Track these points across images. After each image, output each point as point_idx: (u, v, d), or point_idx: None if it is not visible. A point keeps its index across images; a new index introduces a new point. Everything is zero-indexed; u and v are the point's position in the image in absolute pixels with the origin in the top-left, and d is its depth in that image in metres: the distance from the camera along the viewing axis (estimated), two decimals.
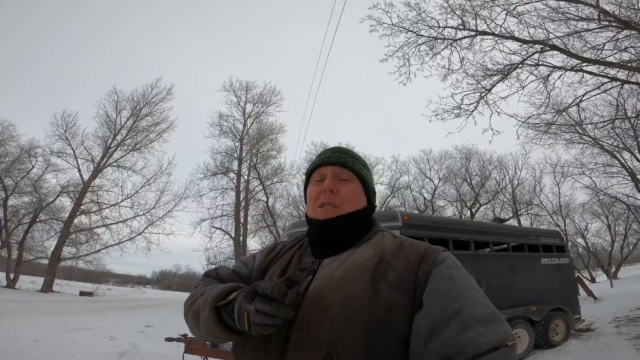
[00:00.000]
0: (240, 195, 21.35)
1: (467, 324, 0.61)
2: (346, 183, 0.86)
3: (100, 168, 20.66)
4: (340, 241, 0.83)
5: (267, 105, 23.47)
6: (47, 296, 15.27)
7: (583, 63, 8.28)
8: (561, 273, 6.51)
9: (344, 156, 0.88)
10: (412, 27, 9.40)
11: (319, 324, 0.67)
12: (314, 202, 0.85)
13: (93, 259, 20.76)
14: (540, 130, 12.48)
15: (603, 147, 15.67)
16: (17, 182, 19.82)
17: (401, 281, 0.69)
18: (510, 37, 8.51)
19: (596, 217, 21.41)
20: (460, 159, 24.05)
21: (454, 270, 0.70)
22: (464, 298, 0.65)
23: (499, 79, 8.93)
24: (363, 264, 0.74)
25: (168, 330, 8.88)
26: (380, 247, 0.78)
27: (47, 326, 7.26)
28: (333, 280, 0.73)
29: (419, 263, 0.71)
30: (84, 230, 20.38)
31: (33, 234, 20.03)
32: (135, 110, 21.90)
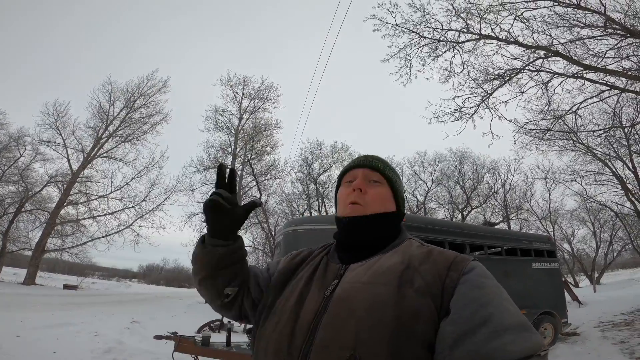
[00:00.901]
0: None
1: (497, 332, 0.58)
2: (375, 185, 0.87)
3: (90, 158, 20.22)
4: (367, 245, 0.82)
5: (264, 101, 23.28)
6: (30, 289, 14.81)
7: (584, 70, 8.31)
8: (551, 278, 6.62)
9: (375, 160, 0.91)
10: (416, 29, 9.42)
11: (344, 326, 0.66)
12: (344, 201, 0.86)
13: (79, 252, 20.33)
14: (535, 137, 12.62)
15: (595, 155, 15.90)
16: (4, 171, 19.35)
17: (428, 287, 0.68)
18: (514, 42, 8.51)
19: (583, 224, 21.85)
20: (454, 162, 24.31)
21: (483, 279, 0.69)
22: (494, 306, 0.63)
23: (500, 83, 8.94)
24: (390, 269, 0.73)
25: (154, 326, 8.68)
26: (408, 254, 0.77)
27: (28, 321, 6.98)
28: (360, 284, 0.72)
29: (447, 271, 0.70)
30: (71, 222, 19.92)
31: (18, 225, 19.54)
32: (129, 102, 21.54)
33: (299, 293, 0.78)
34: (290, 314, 0.74)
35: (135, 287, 34.11)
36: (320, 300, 0.73)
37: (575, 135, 13.90)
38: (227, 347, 4.64)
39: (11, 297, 10.86)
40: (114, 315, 9.56)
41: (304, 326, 0.70)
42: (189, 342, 4.43)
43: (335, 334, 0.66)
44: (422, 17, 9.31)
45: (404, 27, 9.45)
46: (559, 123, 11.30)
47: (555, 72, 8.91)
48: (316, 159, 23.97)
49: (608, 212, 19.31)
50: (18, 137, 19.81)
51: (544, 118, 10.11)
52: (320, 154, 24.08)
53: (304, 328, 0.70)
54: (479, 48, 9.25)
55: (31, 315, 7.74)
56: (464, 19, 9.13)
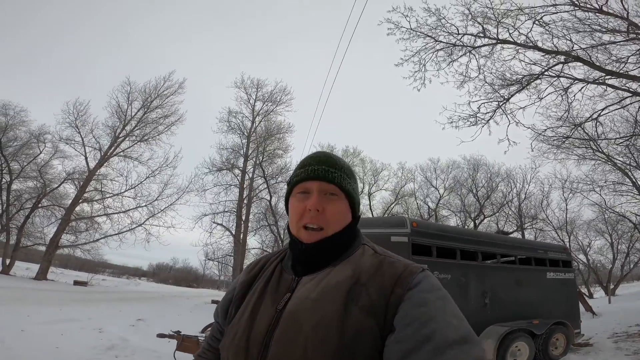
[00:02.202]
0: (244, 192, 21.18)
1: (440, 349, 0.60)
2: (332, 200, 0.83)
3: (107, 157, 20.59)
4: (324, 262, 0.82)
5: (277, 104, 23.40)
6: (41, 284, 15.05)
7: (606, 76, 8.00)
8: (565, 288, 6.55)
9: (331, 170, 0.84)
10: (431, 33, 9.27)
11: (294, 342, 0.69)
12: (298, 220, 0.82)
13: (91, 248, 20.60)
14: (554, 144, 12.24)
15: (616, 164, 15.34)
16: (23, 167, 19.79)
17: (372, 306, 0.70)
18: (533, 46, 8.26)
19: (600, 235, 21.33)
20: (468, 170, 23.87)
21: (426, 294, 0.69)
22: (436, 322, 0.64)
23: (517, 88, 8.69)
24: (339, 284, 0.75)
25: (160, 324, 8.65)
26: (359, 267, 0.78)
27: (35, 315, 7.03)
28: (309, 301, 0.74)
29: (393, 287, 0.71)
30: (85, 219, 20.24)
31: (33, 220, 19.92)
32: (146, 102, 21.91)
33: (252, 305, 0.80)
34: (245, 327, 0.76)
35: (144, 285, 34.46)
36: (273, 314, 0.76)
37: (595, 143, 13.46)
38: None
39: (21, 291, 11.03)
40: (121, 313, 9.58)
41: (258, 340, 0.73)
42: (192, 341, 4.39)
43: (286, 349, 0.69)
44: (437, 21, 9.17)
45: (419, 31, 9.33)
46: (578, 131, 10.95)
47: (576, 77, 8.61)
48: None
49: (626, 223, 18.87)
50: (39, 134, 20.29)
51: (563, 125, 9.78)
52: None
53: (258, 342, 0.73)
54: (496, 53, 9.04)
55: (38, 310, 7.81)
56: (480, 24, 8.96)
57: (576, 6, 7.78)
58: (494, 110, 8.88)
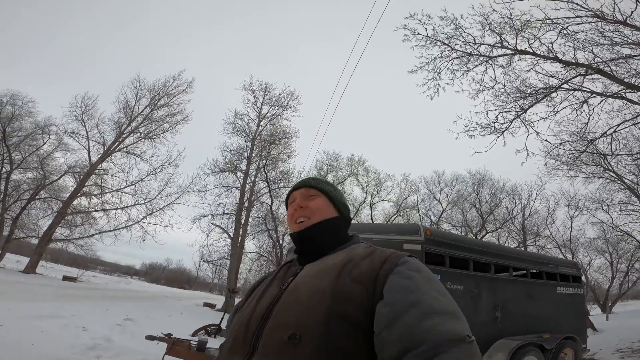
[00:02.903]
0: (245, 195, 20.81)
1: (427, 314, 0.63)
2: (313, 198, 0.99)
3: (110, 152, 20.36)
4: (318, 249, 0.92)
5: (284, 109, 23.18)
6: (28, 278, 14.55)
7: (627, 89, 7.74)
8: (575, 303, 6.55)
9: (309, 180, 1.05)
10: (447, 41, 9.12)
11: (289, 311, 0.75)
12: (291, 220, 1.00)
13: (85, 244, 20.19)
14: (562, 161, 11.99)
15: (624, 182, 15.07)
16: (25, 157, 19.58)
17: (362, 276, 0.76)
18: (553, 58, 8.02)
19: (600, 254, 21.36)
20: (473, 184, 23.55)
21: (413, 272, 0.74)
22: (422, 292, 0.68)
23: (535, 100, 8.45)
24: (335, 264, 0.82)
25: (148, 325, 8.22)
26: (352, 253, 0.86)
27: (17, 310, 6.62)
28: (307, 277, 0.82)
29: (382, 263, 0.77)
30: (82, 213, 19.87)
31: (29, 212, 19.61)
32: (154, 100, 21.81)
33: (260, 293, 0.88)
34: (251, 308, 0.83)
35: (135, 284, 33.75)
36: (276, 293, 0.82)
37: (606, 160, 13.19)
38: None
39: (7, 284, 10.57)
40: (108, 311, 9.15)
41: (259, 314, 0.79)
42: (183, 345, 4.13)
43: (282, 317, 0.74)
44: (454, 30, 9.01)
45: (436, 39, 9.17)
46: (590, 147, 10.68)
47: (594, 91, 8.36)
48: (331, 170, 23.61)
49: (628, 242, 18.95)
50: (44, 125, 20.12)
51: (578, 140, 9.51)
52: (336, 166, 23.71)
53: (259, 315, 0.78)
54: (514, 63, 8.82)
55: (21, 304, 7.40)
56: (498, 34, 8.78)
57: (601, 19, 7.57)
58: (511, 121, 8.64)
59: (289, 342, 0.69)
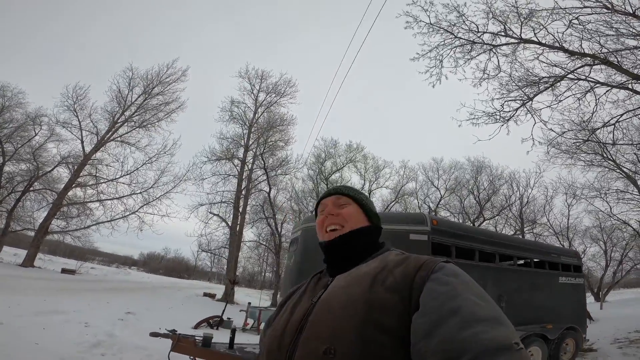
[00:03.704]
0: (242, 183, 20.68)
1: (468, 322, 0.59)
2: (345, 206, 0.97)
3: (103, 141, 20.02)
4: (349, 259, 0.89)
5: (281, 96, 22.95)
6: (27, 271, 14.44)
7: (633, 80, 7.65)
8: (575, 292, 6.55)
9: (340, 188, 1.03)
10: (450, 29, 8.94)
11: (323, 323, 0.73)
12: (321, 228, 0.97)
13: (82, 235, 20.06)
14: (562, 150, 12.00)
15: (623, 171, 15.12)
16: (17, 149, 19.23)
17: (397, 284, 0.73)
18: (559, 47, 7.87)
19: (595, 242, 21.62)
20: (471, 171, 23.59)
21: (451, 277, 0.70)
22: (462, 299, 0.64)
23: (539, 89, 8.35)
24: (368, 273, 0.79)
25: (150, 318, 8.21)
26: (385, 260, 0.83)
27: (17, 306, 6.54)
28: (339, 288, 0.80)
29: (417, 270, 0.74)
30: (77, 204, 19.63)
31: (24, 204, 19.35)
32: (147, 88, 21.45)
33: (292, 305, 0.87)
34: (284, 321, 0.82)
35: (135, 274, 33.82)
36: (308, 306, 0.81)
37: (606, 150, 13.20)
38: (230, 350, 4.21)
39: (5, 279, 10.45)
40: (109, 305, 9.13)
41: (293, 327, 0.78)
42: (188, 341, 4.08)
43: (316, 330, 0.73)
44: (458, 17, 8.80)
45: (438, 26, 8.97)
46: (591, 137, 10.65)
47: (599, 81, 8.26)
48: (329, 157, 23.50)
49: (623, 231, 19.15)
50: (35, 116, 19.75)
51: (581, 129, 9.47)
52: (334, 153, 23.59)
53: (293, 328, 0.77)
54: (518, 52, 8.67)
55: (21, 300, 7.32)
56: (502, 22, 8.60)
57: (610, 10, 7.41)
58: (516, 109, 8.55)
59: (324, 357, 0.67)
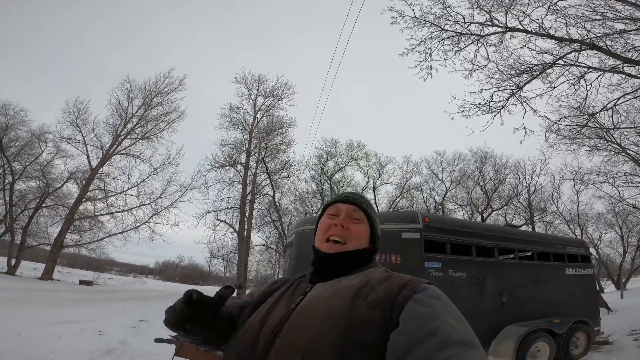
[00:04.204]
0: (247, 188, 21.00)
1: (444, 344, 0.61)
2: (357, 223, 0.95)
3: (108, 155, 20.54)
4: (338, 273, 0.89)
5: (279, 99, 23.17)
6: (46, 284, 15.00)
7: (624, 64, 7.60)
8: (585, 284, 6.25)
9: (359, 199, 1.00)
10: (436, 21, 8.95)
11: (300, 333, 0.72)
12: (324, 233, 0.94)
13: (96, 247, 20.63)
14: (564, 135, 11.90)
15: (629, 154, 14.86)
16: (26, 167, 19.76)
17: (379, 301, 0.74)
18: (545, 34, 7.88)
19: (610, 228, 20.98)
20: (475, 162, 23.42)
21: (433, 299, 0.72)
22: (441, 321, 0.65)
23: (529, 77, 8.35)
24: (350, 287, 0.80)
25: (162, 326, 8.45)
26: (369, 276, 0.84)
27: (35, 318, 6.87)
28: (320, 299, 0.79)
29: (400, 289, 0.76)
30: (89, 218, 20.23)
31: (38, 220, 19.96)
32: (147, 100, 21.88)
33: (267, 308, 0.85)
34: (258, 324, 0.80)
35: (151, 283, 34.55)
36: (285, 313, 0.80)
37: (609, 133, 13.03)
38: None
39: (24, 292, 10.93)
40: (124, 313, 9.45)
41: (267, 333, 0.76)
42: (191, 346, 4.19)
43: (291, 339, 0.72)
44: (442, 9, 8.84)
45: (424, 19, 8.99)
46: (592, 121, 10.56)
47: (590, 66, 8.23)
48: (331, 157, 23.62)
49: (635, 217, 18.61)
50: (40, 134, 20.23)
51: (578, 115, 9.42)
52: (336, 153, 23.68)
53: (267, 335, 0.76)
54: (505, 41, 8.68)
55: (38, 311, 7.67)
56: (487, 12, 8.60)
57: None
58: (507, 99, 8.55)
59: None
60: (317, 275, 0.91)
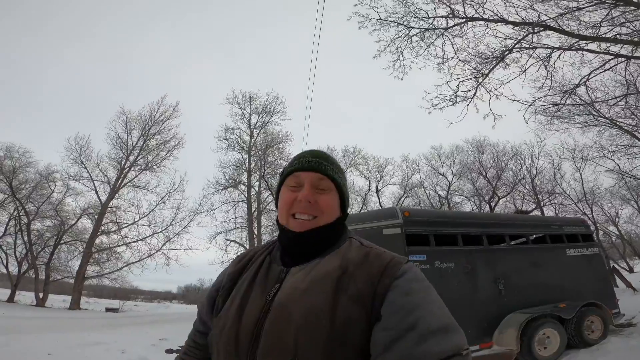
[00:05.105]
0: (252, 206, 21.45)
1: (423, 336, 0.63)
2: (324, 193, 0.85)
3: (116, 189, 21.39)
4: (312, 253, 0.83)
5: (272, 115, 23.71)
6: (74, 313, 15.86)
7: (581, 41, 7.99)
8: (591, 264, 5.98)
9: (324, 163, 0.87)
10: (402, 20, 9.31)
11: (284, 332, 0.70)
12: (288, 209, 0.84)
13: (117, 277, 21.51)
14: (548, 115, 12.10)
15: (621, 127, 14.88)
16: (39, 207, 20.50)
17: (361, 295, 0.72)
18: (500, 20, 8.32)
19: (626, 203, 20.17)
20: (473, 152, 23.38)
21: (412, 283, 0.72)
22: (420, 311, 0.67)
23: (495, 63, 8.75)
24: (328, 275, 0.76)
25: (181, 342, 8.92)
26: (346, 258, 0.80)
27: (64, 341, 7.50)
28: (298, 291, 0.75)
29: (380, 277, 0.73)
30: (105, 250, 21.13)
31: (59, 255, 20.85)
32: (144, 130, 22.55)
33: (241, 296, 0.81)
34: (235, 318, 0.77)
35: (174, 307, 35.32)
36: (262, 305, 0.76)
37: (594, 108, 13.17)
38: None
39: (54, 320, 11.70)
40: (147, 334, 9.94)
41: (248, 331, 0.73)
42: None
43: (277, 340, 0.70)
44: (405, 8, 9.15)
45: (390, 20, 9.31)
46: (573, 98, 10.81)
47: (553, 46, 8.62)
48: None
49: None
50: (47, 174, 20.95)
51: (555, 94, 9.73)
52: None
53: (248, 333, 0.73)
54: (468, 31, 9.06)
55: (68, 336, 8.30)
56: (447, 4, 8.92)
57: None
58: (475, 87, 8.93)
59: None
60: (290, 256, 0.84)
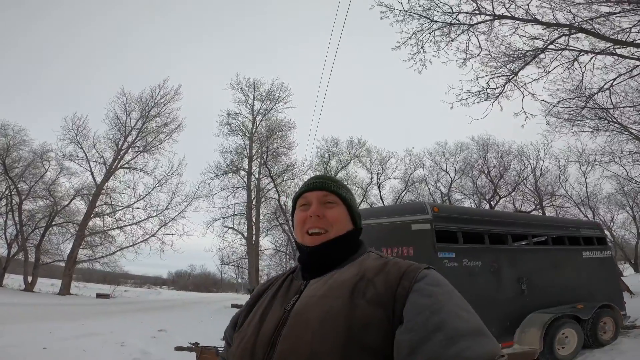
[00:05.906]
0: (252, 193, 21.18)
1: (452, 338, 0.59)
2: (331, 207, 0.90)
3: (112, 170, 20.81)
4: (329, 265, 0.85)
5: (276, 102, 23.29)
6: (64, 299, 15.42)
7: (615, 45, 7.67)
8: (604, 267, 6.08)
9: (328, 182, 0.93)
10: (425, 13, 9.00)
11: (300, 337, 0.69)
12: (302, 228, 0.89)
13: (109, 261, 21.06)
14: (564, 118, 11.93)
15: (632, 133, 14.80)
16: (31, 187, 19.95)
17: (379, 297, 0.70)
18: (532, 20, 7.96)
19: (621, 208, 20.53)
20: (477, 150, 23.32)
21: (434, 287, 0.70)
22: (446, 313, 0.63)
23: (523, 63, 8.43)
24: (345, 282, 0.76)
25: (181, 334, 8.70)
26: (363, 266, 0.80)
27: (58, 332, 7.12)
28: (315, 298, 0.76)
29: (400, 280, 0.72)
30: (99, 233, 20.60)
31: (50, 237, 20.33)
32: (144, 112, 22.00)
33: (262, 311, 0.82)
34: (254, 330, 0.77)
35: (165, 293, 35.04)
36: (281, 315, 0.77)
37: (609, 113, 13.02)
38: None
39: (44, 307, 11.26)
40: (142, 324, 9.67)
41: (265, 340, 0.73)
42: (211, 352, 4.33)
43: (293, 345, 0.68)
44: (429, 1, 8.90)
45: (413, 12, 9.03)
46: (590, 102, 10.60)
47: (582, 49, 8.30)
48: (333, 156, 23.74)
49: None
50: (42, 153, 20.32)
51: (576, 97, 9.47)
52: (337, 151, 23.77)
53: (264, 342, 0.73)
54: (495, 29, 8.74)
55: (60, 325, 7.92)
56: (474, 0, 8.65)
57: None
58: (504, 85, 8.63)
59: None
60: (309, 271, 0.86)
